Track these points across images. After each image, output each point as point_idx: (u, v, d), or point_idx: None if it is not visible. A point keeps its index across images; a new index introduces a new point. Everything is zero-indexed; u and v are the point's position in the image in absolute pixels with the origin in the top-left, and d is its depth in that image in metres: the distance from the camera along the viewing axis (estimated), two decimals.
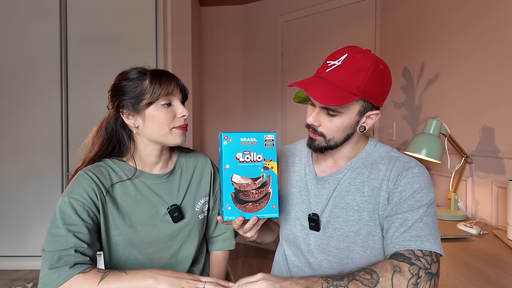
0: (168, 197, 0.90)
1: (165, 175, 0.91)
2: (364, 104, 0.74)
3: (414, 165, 0.75)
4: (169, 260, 0.90)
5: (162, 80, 0.83)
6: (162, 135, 0.84)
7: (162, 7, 2.43)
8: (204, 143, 3.24)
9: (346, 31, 2.57)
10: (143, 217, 0.86)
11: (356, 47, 0.75)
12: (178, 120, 0.85)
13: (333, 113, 0.73)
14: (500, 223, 1.27)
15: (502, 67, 1.28)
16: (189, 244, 0.92)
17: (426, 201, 0.71)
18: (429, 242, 0.66)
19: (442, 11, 1.67)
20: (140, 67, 0.86)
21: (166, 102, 0.83)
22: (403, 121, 2.08)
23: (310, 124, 0.77)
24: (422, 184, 0.72)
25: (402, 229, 0.69)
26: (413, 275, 0.62)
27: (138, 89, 0.82)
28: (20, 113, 2.41)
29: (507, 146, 1.26)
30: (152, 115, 0.82)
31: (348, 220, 0.76)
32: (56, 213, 0.76)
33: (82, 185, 0.80)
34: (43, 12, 2.38)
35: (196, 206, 0.94)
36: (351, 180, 0.78)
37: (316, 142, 0.77)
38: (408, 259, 0.64)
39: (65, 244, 0.72)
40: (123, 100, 0.83)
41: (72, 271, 0.68)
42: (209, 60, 3.22)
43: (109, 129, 0.86)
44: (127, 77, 0.84)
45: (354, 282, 0.63)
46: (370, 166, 0.78)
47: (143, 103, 0.82)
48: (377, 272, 0.63)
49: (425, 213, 0.70)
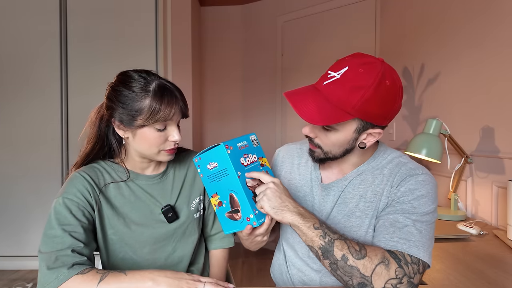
0: (161, 198, 0.90)
1: (158, 176, 0.91)
2: (361, 123, 0.69)
3: (420, 172, 0.71)
4: (165, 261, 0.90)
5: (163, 105, 0.76)
6: (149, 154, 0.83)
7: (162, 7, 2.43)
8: (204, 143, 3.24)
9: (346, 31, 2.57)
10: (137, 217, 0.86)
11: (364, 57, 0.68)
12: (168, 144, 0.82)
13: (328, 128, 0.70)
14: (500, 223, 1.27)
15: (502, 67, 1.28)
16: (185, 243, 0.92)
17: (424, 210, 0.67)
18: (417, 249, 0.63)
19: (442, 11, 1.67)
20: (146, 76, 0.79)
21: (161, 128, 0.79)
22: (403, 121, 2.08)
23: (305, 135, 0.75)
24: (425, 193, 0.68)
25: (391, 229, 0.66)
26: (396, 277, 0.60)
27: (136, 106, 0.76)
28: (20, 112, 2.41)
29: (507, 146, 1.26)
30: (143, 135, 0.79)
31: (350, 226, 0.75)
32: (51, 215, 0.75)
33: (76, 185, 0.79)
34: (43, 11, 2.38)
35: (191, 205, 0.94)
36: (355, 186, 0.76)
37: (315, 153, 0.76)
38: (399, 260, 0.61)
39: (61, 245, 0.71)
40: (117, 111, 0.78)
41: (70, 272, 0.68)
42: (209, 60, 3.22)
43: (100, 131, 0.84)
44: (129, 87, 0.77)
45: (342, 242, 0.64)
46: (376, 172, 0.76)
47: (137, 123, 0.77)
48: (367, 250, 0.63)
49: (421, 221, 0.66)
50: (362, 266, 0.61)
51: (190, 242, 0.93)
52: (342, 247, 0.63)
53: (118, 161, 0.88)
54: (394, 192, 0.71)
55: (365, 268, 0.60)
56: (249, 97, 3.18)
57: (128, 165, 0.88)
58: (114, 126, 0.81)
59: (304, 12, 2.80)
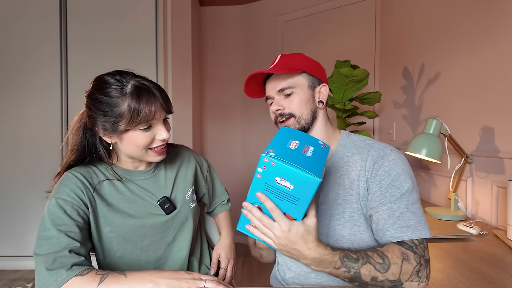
0: (156, 191, 0.91)
1: (150, 170, 0.92)
2: (310, 78, 0.84)
3: (389, 151, 0.77)
4: (164, 251, 0.91)
5: (142, 104, 0.74)
6: (138, 155, 0.83)
7: (162, 7, 2.43)
8: (204, 143, 3.24)
9: (346, 31, 2.57)
10: (135, 212, 0.86)
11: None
12: (156, 142, 0.81)
13: (288, 91, 0.82)
14: (500, 223, 1.27)
15: (502, 67, 1.28)
16: (183, 233, 0.94)
17: (406, 187, 0.73)
18: (418, 231, 0.69)
19: (442, 11, 1.67)
20: (120, 78, 0.77)
21: (146, 127, 0.78)
22: (403, 121, 2.08)
23: (276, 110, 0.83)
24: (400, 171, 0.74)
25: (391, 221, 0.71)
26: (417, 263, 0.66)
27: (115, 111, 0.74)
28: (20, 112, 2.41)
29: (507, 146, 1.26)
30: (130, 138, 0.78)
31: (332, 214, 0.78)
32: (45, 216, 0.75)
33: (69, 185, 0.79)
34: (43, 11, 2.38)
35: (186, 195, 0.96)
36: (331, 175, 0.81)
37: (290, 125, 0.82)
38: (411, 247, 0.68)
39: (57, 246, 0.71)
40: (98, 120, 0.77)
41: (69, 273, 0.67)
42: (209, 60, 3.22)
43: (84, 141, 0.82)
44: (106, 93, 0.75)
45: (367, 266, 0.65)
46: (347, 159, 0.81)
47: (120, 129, 0.76)
48: (389, 257, 0.66)
49: (409, 201, 0.72)
50: (391, 275, 0.65)
51: (189, 231, 0.95)
52: (369, 271, 0.65)
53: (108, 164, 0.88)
54: (372, 176, 0.75)
55: (394, 275, 0.65)
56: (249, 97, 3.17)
57: (120, 165, 0.88)
58: (100, 134, 0.80)
59: (304, 12, 2.80)
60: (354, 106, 1.83)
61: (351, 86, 1.80)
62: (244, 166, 3.18)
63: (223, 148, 3.24)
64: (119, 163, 0.88)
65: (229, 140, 3.23)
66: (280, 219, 0.61)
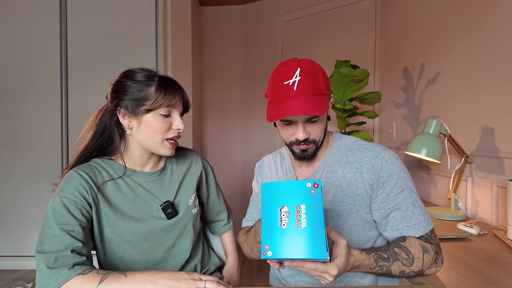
0: (160, 194, 0.91)
1: (156, 173, 0.92)
2: (330, 97, 0.82)
3: (382, 150, 0.80)
4: (164, 255, 0.91)
5: (168, 91, 0.82)
6: (152, 144, 0.84)
7: (162, 7, 2.43)
8: (204, 143, 3.24)
9: (346, 31, 2.57)
10: (136, 214, 0.86)
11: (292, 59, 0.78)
12: (172, 132, 0.85)
13: (315, 119, 0.78)
14: (500, 223, 1.27)
15: (502, 66, 1.28)
16: (184, 238, 0.93)
17: (406, 184, 0.77)
18: (426, 223, 0.77)
19: (442, 11, 1.67)
20: (149, 70, 0.85)
21: (166, 113, 0.83)
22: (403, 121, 2.08)
23: (303, 139, 0.78)
24: (397, 169, 0.78)
25: (404, 221, 0.76)
26: (434, 252, 0.75)
27: (141, 93, 0.81)
28: (20, 112, 2.41)
29: (507, 146, 1.26)
30: (148, 122, 0.82)
31: (331, 216, 0.80)
32: (49, 214, 0.75)
33: (73, 184, 0.79)
34: (43, 11, 2.38)
35: (189, 200, 0.95)
36: (327, 178, 0.82)
37: (309, 150, 0.81)
38: (427, 240, 0.75)
39: (60, 245, 0.71)
40: (123, 99, 0.82)
41: (71, 272, 0.67)
42: (209, 60, 3.22)
43: (102, 123, 0.85)
44: (133, 78, 0.83)
45: (396, 263, 0.72)
46: (342, 161, 0.82)
47: (143, 109, 0.81)
48: (412, 252, 0.73)
49: (412, 197, 0.77)
50: (416, 267, 0.73)
51: (189, 237, 0.94)
52: (398, 267, 0.72)
53: (115, 158, 0.88)
54: (375, 180, 0.77)
55: (418, 267, 0.73)
56: (249, 97, 3.18)
57: (127, 162, 0.88)
58: (119, 116, 0.83)
59: (304, 12, 2.80)
60: (354, 106, 1.84)
61: (351, 86, 1.80)
62: (245, 166, 3.18)
63: (223, 148, 3.24)
64: (127, 159, 0.88)
65: (229, 140, 3.23)
66: (325, 267, 0.62)
